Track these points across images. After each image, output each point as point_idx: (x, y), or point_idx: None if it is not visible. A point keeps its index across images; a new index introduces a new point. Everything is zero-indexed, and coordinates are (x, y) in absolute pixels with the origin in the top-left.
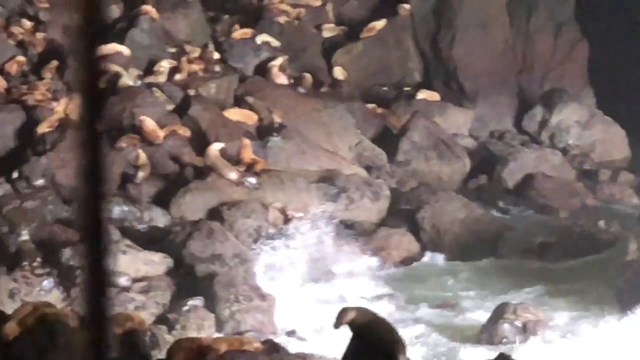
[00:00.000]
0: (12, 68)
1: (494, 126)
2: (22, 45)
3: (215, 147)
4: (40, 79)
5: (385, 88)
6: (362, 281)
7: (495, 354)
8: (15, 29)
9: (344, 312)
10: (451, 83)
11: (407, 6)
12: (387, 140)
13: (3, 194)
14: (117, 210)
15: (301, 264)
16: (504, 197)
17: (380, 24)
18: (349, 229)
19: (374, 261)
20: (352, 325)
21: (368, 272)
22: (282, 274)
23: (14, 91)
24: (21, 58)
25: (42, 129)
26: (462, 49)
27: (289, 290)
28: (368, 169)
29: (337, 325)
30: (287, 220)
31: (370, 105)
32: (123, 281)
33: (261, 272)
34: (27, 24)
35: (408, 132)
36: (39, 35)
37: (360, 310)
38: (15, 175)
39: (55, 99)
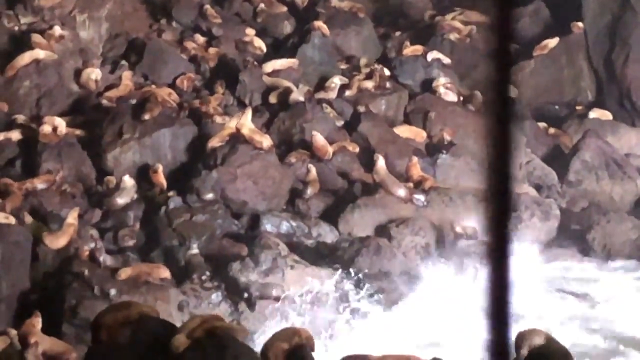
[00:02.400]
0: (183, 83)
1: None
2: (194, 60)
3: (380, 163)
4: (213, 93)
5: (556, 107)
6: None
7: None
8: (189, 44)
9: (529, 333)
10: (624, 102)
11: (580, 24)
12: (558, 159)
13: (174, 207)
14: (286, 225)
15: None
16: None
17: (553, 42)
18: None
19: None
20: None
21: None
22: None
23: (186, 105)
24: (190, 74)
25: (214, 143)
26: (636, 67)
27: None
28: (538, 188)
29: (517, 346)
30: (456, 238)
31: (541, 124)
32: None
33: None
34: (200, 39)
35: (579, 151)
36: (212, 50)
37: (536, 333)
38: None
39: (227, 114)
